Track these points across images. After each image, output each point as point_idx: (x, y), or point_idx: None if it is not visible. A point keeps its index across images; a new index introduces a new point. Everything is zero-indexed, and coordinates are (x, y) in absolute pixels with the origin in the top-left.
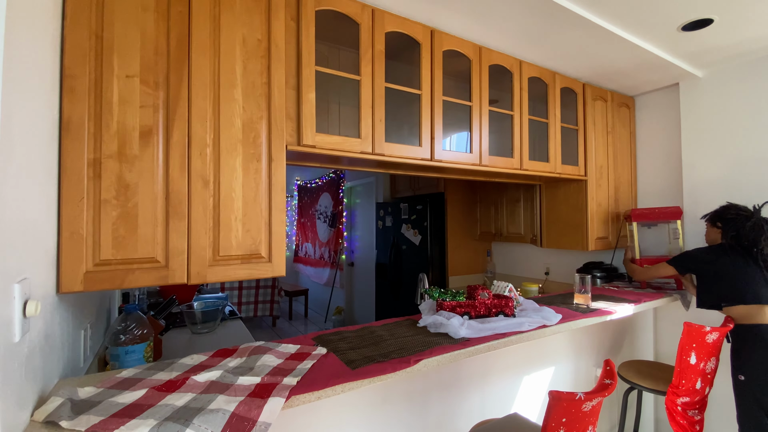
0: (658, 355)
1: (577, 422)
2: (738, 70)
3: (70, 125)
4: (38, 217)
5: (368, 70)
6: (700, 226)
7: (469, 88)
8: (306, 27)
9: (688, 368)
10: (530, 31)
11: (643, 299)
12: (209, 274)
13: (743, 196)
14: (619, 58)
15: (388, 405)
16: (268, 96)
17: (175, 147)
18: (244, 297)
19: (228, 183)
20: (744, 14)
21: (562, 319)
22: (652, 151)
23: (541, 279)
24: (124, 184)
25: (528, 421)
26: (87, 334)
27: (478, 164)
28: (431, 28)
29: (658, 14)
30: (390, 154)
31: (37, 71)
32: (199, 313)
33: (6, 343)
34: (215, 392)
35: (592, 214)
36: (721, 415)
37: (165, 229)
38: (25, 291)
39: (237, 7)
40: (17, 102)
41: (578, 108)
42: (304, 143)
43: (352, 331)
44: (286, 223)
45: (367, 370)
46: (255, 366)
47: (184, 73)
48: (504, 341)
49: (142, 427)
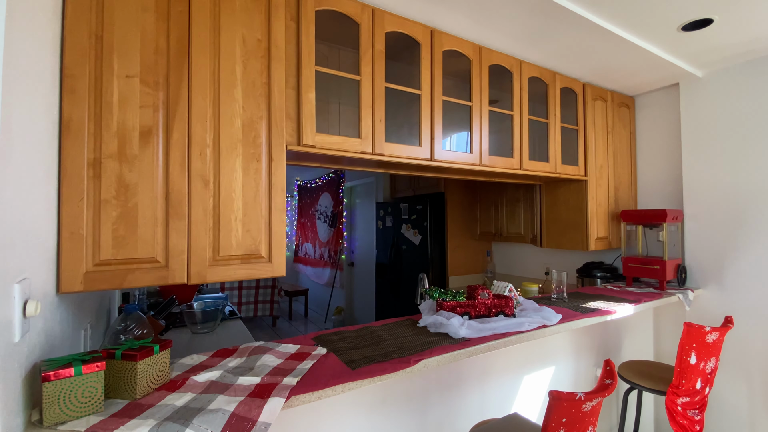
0: (658, 355)
1: (577, 422)
2: (738, 70)
3: (70, 125)
4: (38, 217)
5: (368, 70)
6: (699, 226)
7: (469, 88)
8: (306, 27)
9: (688, 368)
10: (530, 31)
11: (643, 299)
12: (209, 274)
13: (743, 196)
14: (619, 58)
15: (388, 405)
16: (268, 96)
17: (175, 147)
18: (244, 297)
19: (228, 183)
20: (744, 14)
21: (562, 319)
22: (652, 151)
23: (541, 279)
24: (124, 184)
25: (528, 421)
26: (87, 334)
27: (478, 164)
28: (431, 28)
29: (658, 14)
30: (390, 154)
31: (37, 71)
32: (199, 313)
33: (6, 343)
34: (215, 392)
35: (592, 214)
36: (721, 415)
37: (165, 229)
38: (25, 291)
39: (237, 7)
40: (17, 102)
41: (578, 108)
42: (304, 143)
43: (352, 331)
44: (286, 223)
45: (367, 370)
46: (255, 366)
47: (184, 73)
48: (504, 341)
49: (142, 427)
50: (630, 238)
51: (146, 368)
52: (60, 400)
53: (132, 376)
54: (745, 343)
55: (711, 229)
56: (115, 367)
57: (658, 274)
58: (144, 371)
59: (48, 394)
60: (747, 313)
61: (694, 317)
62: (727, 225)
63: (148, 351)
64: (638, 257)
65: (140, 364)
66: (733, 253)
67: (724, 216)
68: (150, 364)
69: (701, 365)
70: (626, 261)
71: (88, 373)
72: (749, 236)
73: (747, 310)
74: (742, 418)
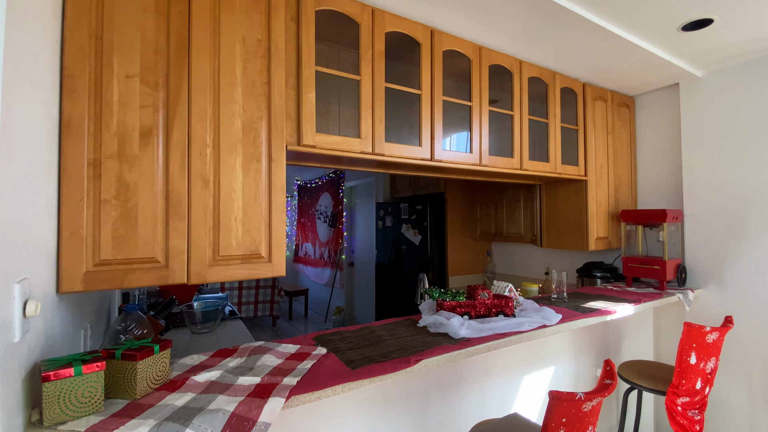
0: (658, 355)
1: (577, 422)
2: (738, 70)
3: (70, 125)
4: (38, 217)
5: (368, 70)
6: (700, 226)
7: (469, 88)
8: (306, 27)
9: (688, 368)
10: (530, 31)
11: (643, 299)
12: (209, 274)
13: (743, 195)
14: (619, 58)
15: (388, 405)
16: (268, 96)
17: (175, 147)
18: (244, 297)
19: (228, 183)
20: (744, 14)
21: (562, 319)
22: (652, 151)
23: (541, 279)
24: (124, 184)
25: (528, 421)
26: (87, 334)
27: (478, 164)
28: (431, 28)
29: (658, 14)
30: (390, 154)
31: (37, 71)
32: (199, 313)
33: (6, 343)
34: (215, 392)
35: (592, 214)
36: (721, 415)
37: (165, 229)
38: (25, 291)
39: (237, 7)
40: (17, 102)
41: (578, 108)
42: (304, 143)
43: (352, 331)
44: (286, 223)
45: (367, 370)
46: (255, 366)
47: (184, 73)
48: (504, 341)
49: (142, 428)
50: (630, 238)
51: (146, 368)
52: (60, 400)
53: (132, 376)
54: (745, 343)
55: (711, 229)
56: (115, 367)
57: (658, 274)
58: (144, 371)
59: (48, 394)
60: (747, 313)
61: (694, 317)
62: (727, 225)
63: (148, 351)
64: (638, 257)
65: (140, 364)
66: (733, 253)
67: (724, 216)
68: (150, 364)
69: (701, 365)
70: (626, 261)
71: (88, 373)
72: (749, 236)
73: (747, 310)
74: (742, 418)
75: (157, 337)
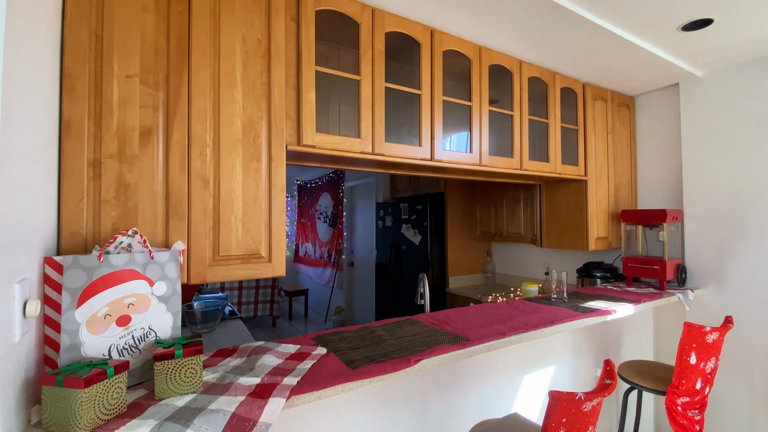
0: (658, 355)
1: (577, 422)
2: (738, 70)
3: (70, 125)
4: (38, 217)
5: (368, 70)
6: (700, 226)
7: (469, 88)
8: (306, 27)
9: (688, 368)
10: (530, 31)
11: (643, 299)
12: (209, 274)
13: (743, 196)
14: (619, 58)
15: (388, 405)
16: (268, 96)
17: (175, 147)
18: (244, 297)
19: (228, 183)
20: (744, 14)
21: (562, 319)
22: (652, 151)
23: (541, 279)
24: (124, 184)
25: (528, 421)
26: None
27: (478, 164)
28: (431, 28)
29: (658, 14)
30: (390, 154)
31: (37, 71)
32: (199, 313)
33: (6, 343)
34: (215, 393)
35: (592, 214)
36: (721, 415)
37: (165, 229)
38: (25, 291)
39: (237, 7)
40: (17, 102)
41: (578, 108)
42: (304, 143)
43: (352, 331)
44: (286, 223)
45: (367, 370)
46: (255, 366)
47: (184, 73)
48: (504, 341)
49: (143, 428)
50: (630, 238)
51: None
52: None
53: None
54: (745, 343)
55: (711, 229)
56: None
57: (658, 274)
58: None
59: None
60: (747, 313)
61: (694, 317)
62: (727, 225)
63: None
64: (638, 257)
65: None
66: (733, 253)
67: (724, 216)
68: (175, 366)
69: (701, 365)
70: (626, 261)
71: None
72: (749, 236)
73: (747, 310)
74: (742, 418)
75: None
